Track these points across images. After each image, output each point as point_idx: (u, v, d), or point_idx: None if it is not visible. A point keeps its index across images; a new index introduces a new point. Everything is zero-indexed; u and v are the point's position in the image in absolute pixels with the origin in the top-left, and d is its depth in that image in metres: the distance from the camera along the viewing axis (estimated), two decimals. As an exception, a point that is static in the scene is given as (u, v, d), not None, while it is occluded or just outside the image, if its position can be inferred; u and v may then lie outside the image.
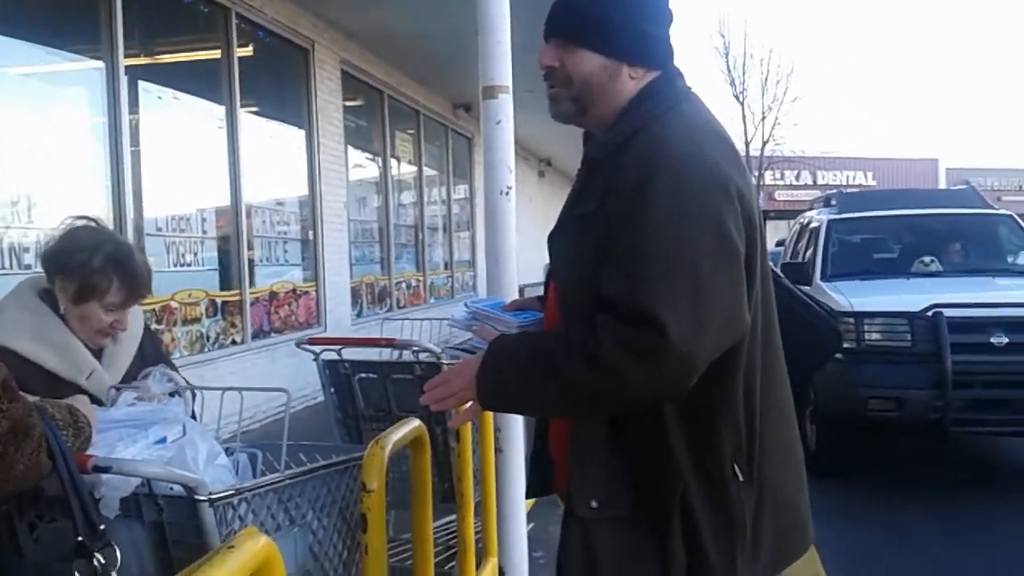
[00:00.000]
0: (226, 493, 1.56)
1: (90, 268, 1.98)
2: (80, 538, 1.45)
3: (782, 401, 1.61)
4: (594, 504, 1.47)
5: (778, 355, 1.61)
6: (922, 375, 5.03)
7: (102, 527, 1.46)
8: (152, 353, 2.20)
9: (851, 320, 5.35)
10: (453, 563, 3.14)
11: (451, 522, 3.47)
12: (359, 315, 9.69)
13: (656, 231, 1.38)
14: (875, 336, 5.33)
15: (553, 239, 1.62)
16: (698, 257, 1.38)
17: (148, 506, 1.55)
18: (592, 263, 1.45)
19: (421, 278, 12.15)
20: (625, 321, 1.37)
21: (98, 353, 2.06)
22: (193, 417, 1.97)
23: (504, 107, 3.25)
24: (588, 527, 1.47)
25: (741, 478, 1.48)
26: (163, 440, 1.67)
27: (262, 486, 1.67)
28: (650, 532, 1.46)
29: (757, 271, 1.50)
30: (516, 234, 3.34)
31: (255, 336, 7.30)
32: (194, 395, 2.03)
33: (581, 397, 1.43)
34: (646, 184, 1.40)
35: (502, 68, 3.26)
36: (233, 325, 7.00)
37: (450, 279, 13.62)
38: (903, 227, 7.12)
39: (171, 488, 1.53)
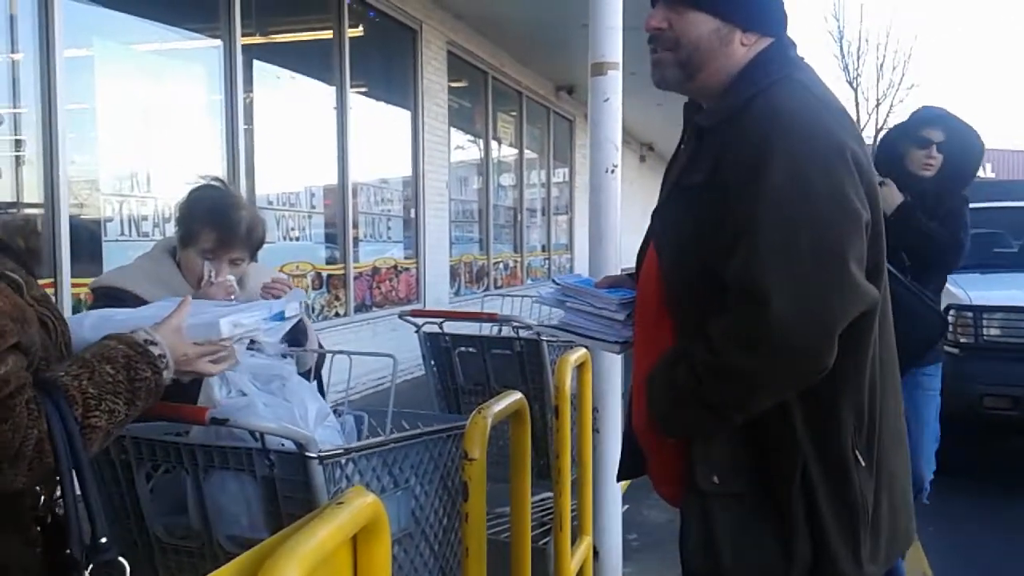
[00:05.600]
0: (335, 452, 1.59)
1: (191, 216, 2.14)
2: (69, 551, 1.23)
3: (896, 389, 1.56)
4: (715, 479, 1.44)
5: (892, 342, 1.55)
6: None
7: (103, 539, 1.24)
8: None
9: (969, 314, 5.10)
10: (547, 539, 3.14)
11: (545, 499, 3.48)
12: (457, 293, 9.80)
13: (774, 203, 1.33)
14: (994, 331, 5.07)
15: (659, 211, 1.58)
16: (820, 226, 1.33)
17: (260, 461, 1.59)
18: (704, 234, 1.41)
19: (519, 259, 12.19)
20: (738, 309, 1.35)
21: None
22: (317, 380, 2.05)
23: (613, 84, 3.22)
24: (707, 500, 1.45)
25: (863, 463, 1.43)
26: (280, 315, 1.68)
27: (369, 447, 1.70)
28: (771, 511, 1.42)
29: (881, 241, 1.44)
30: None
31: (358, 309, 7.48)
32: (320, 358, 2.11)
33: (734, 407, 1.41)
34: (764, 155, 1.35)
35: (612, 44, 3.22)
36: (337, 298, 7.18)
37: (547, 261, 13.63)
38: (1025, 220, 6.73)
39: (282, 444, 1.57)
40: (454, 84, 9.55)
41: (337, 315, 7.17)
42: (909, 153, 3.14)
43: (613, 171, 3.23)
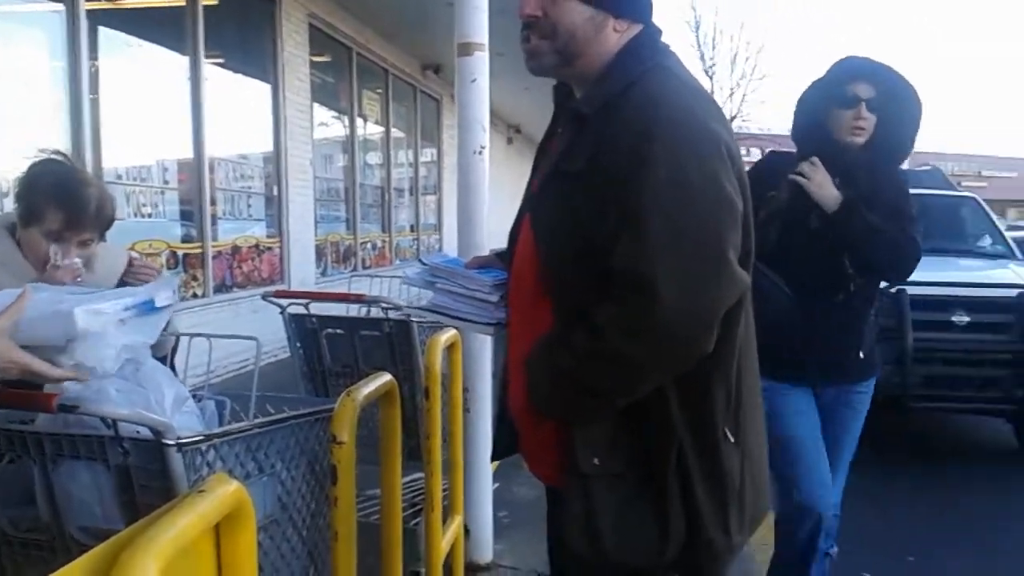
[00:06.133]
0: (195, 438, 1.52)
1: (33, 193, 1.97)
2: None
3: (755, 370, 1.63)
4: (596, 461, 1.46)
5: (752, 326, 1.61)
6: (883, 351, 5.08)
7: None
8: None
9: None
10: (418, 519, 3.14)
11: (415, 479, 3.47)
12: (323, 274, 9.60)
13: (658, 195, 1.36)
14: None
15: (537, 196, 1.57)
16: (701, 217, 1.37)
17: (112, 449, 1.51)
18: (585, 220, 1.42)
19: (387, 239, 12.05)
20: (623, 297, 1.37)
21: None
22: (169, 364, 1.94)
23: (480, 65, 3.21)
24: (589, 482, 1.46)
25: (732, 440, 1.49)
26: (150, 304, 1.55)
27: (231, 433, 1.64)
28: (648, 490, 1.45)
29: (751, 229, 1.49)
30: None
31: (217, 290, 7.19)
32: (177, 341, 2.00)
33: (618, 391, 1.43)
34: (645, 145, 1.37)
35: (479, 25, 3.21)
36: (195, 278, 6.89)
37: (415, 241, 13.54)
38: (869, 205, 7.17)
39: (137, 431, 1.49)
40: (316, 58, 9.29)
41: (195, 296, 6.88)
42: (832, 116, 2.54)
43: (481, 152, 3.23)
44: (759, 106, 40.82)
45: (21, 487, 1.64)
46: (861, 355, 2.68)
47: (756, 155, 33.28)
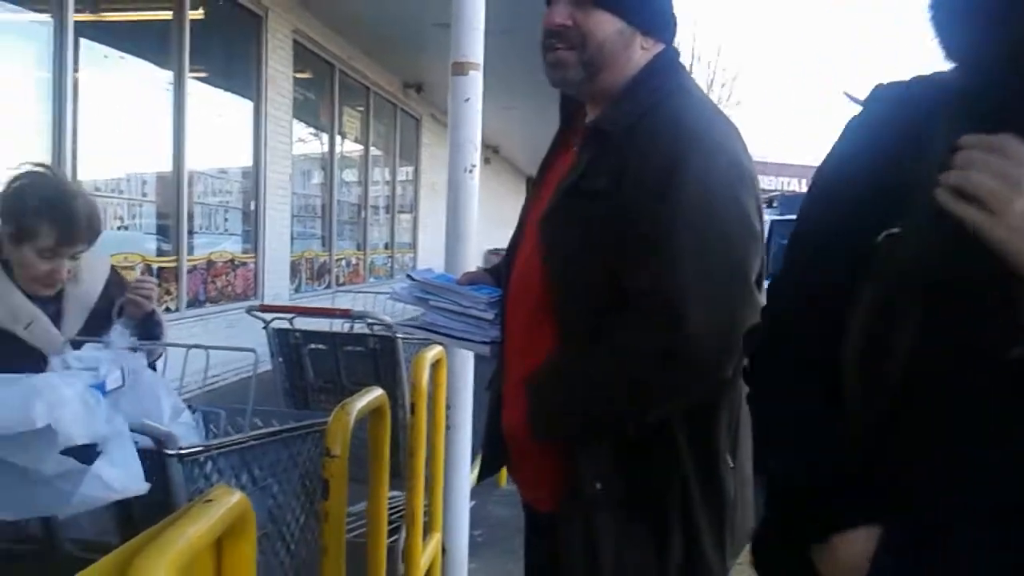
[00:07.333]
0: (195, 449, 1.52)
1: (24, 209, 1.94)
2: None
3: (741, 382, 1.64)
4: (598, 486, 1.43)
5: None
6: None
7: None
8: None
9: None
10: (395, 537, 3.13)
11: (393, 497, 3.46)
12: (297, 290, 9.55)
13: (688, 220, 1.35)
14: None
15: (546, 214, 1.52)
16: (729, 245, 1.38)
17: (111, 459, 1.50)
18: (608, 241, 1.40)
19: (361, 257, 12.03)
20: (648, 320, 1.36)
21: (52, 304, 2.01)
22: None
23: (474, 84, 3.24)
24: (590, 507, 1.44)
25: (732, 464, 1.48)
26: (100, 386, 1.55)
27: (229, 445, 1.64)
28: (649, 515, 1.44)
29: (765, 250, 1.50)
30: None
31: (190, 305, 7.13)
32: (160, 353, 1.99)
33: (634, 416, 1.42)
34: (674, 168, 1.36)
35: (475, 45, 3.24)
36: (168, 292, 6.83)
37: (390, 259, 13.52)
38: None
39: (137, 441, 1.48)
40: (299, 75, 9.30)
41: (168, 310, 6.81)
42: None
43: (472, 171, 3.25)
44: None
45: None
46: None
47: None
